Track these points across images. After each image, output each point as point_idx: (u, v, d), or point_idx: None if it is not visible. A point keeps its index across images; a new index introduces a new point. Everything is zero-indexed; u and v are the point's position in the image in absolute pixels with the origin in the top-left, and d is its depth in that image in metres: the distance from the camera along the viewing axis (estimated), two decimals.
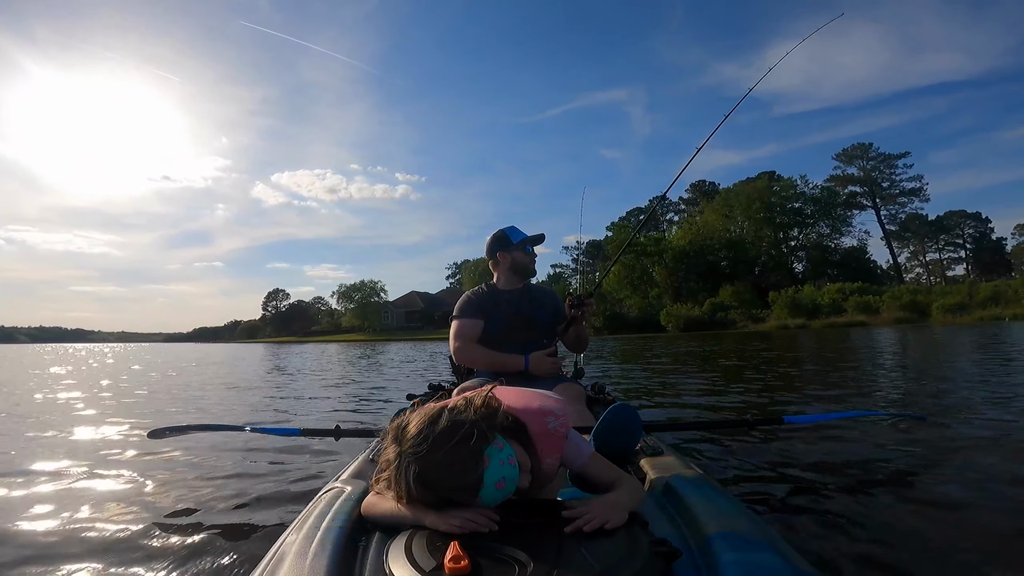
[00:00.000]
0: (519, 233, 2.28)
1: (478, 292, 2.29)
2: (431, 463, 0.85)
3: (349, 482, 1.15)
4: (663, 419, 3.58)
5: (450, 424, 0.87)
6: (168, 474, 2.43)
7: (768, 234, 48.04)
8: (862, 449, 2.52)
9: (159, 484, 2.27)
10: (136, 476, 2.41)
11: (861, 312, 33.48)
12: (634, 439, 1.39)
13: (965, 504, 1.76)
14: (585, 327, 2.23)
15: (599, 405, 2.15)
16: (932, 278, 53.85)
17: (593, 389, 2.48)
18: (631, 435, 1.37)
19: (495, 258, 2.30)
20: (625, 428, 1.36)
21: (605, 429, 1.35)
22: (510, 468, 0.88)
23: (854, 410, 3.34)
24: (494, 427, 0.89)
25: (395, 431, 0.92)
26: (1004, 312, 29.11)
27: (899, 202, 52.49)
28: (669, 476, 1.16)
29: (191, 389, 6.77)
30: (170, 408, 4.91)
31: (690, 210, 57.97)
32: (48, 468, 2.61)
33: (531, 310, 2.20)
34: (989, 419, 3.12)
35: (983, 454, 2.37)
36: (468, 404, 0.91)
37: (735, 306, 39.40)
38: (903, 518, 1.66)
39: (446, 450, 0.84)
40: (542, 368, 2.05)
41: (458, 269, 67.93)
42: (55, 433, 3.59)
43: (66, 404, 5.29)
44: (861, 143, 52.59)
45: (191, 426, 2.24)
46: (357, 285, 64.36)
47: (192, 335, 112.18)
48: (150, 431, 2.13)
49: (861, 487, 1.98)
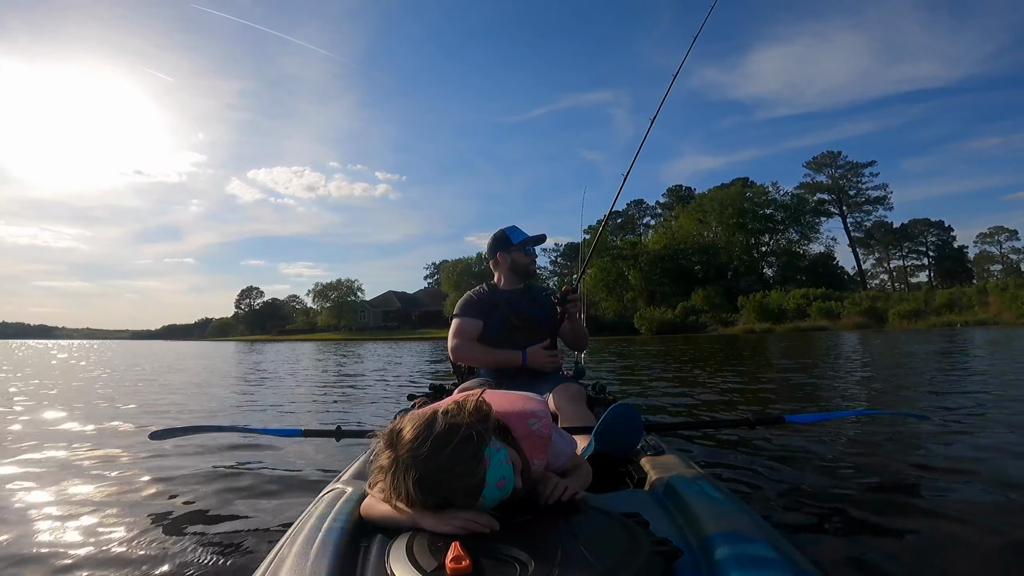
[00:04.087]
0: (520, 233, 2.30)
1: (479, 292, 2.30)
2: (431, 466, 0.85)
3: (350, 483, 1.15)
4: (664, 419, 3.57)
5: (447, 427, 0.87)
6: (169, 475, 2.40)
7: (740, 239, 49.00)
8: (864, 448, 2.52)
9: (160, 485, 2.24)
10: (137, 477, 2.38)
11: (824, 317, 34.47)
12: (635, 439, 1.40)
13: (968, 503, 1.75)
14: (582, 323, 2.24)
15: (600, 405, 2.15)
16: (896, 284, 55.74)
17: (594, 389, 2.49)
18: (632, 435, 1.39)
19: (495, 258, 2.32)
20: (626, 428, 1.37)
21: (606, 429, 1.37)
22: (508, 467, 0.89)
23: (855, 409, 3.32)
24: (489, 429, 0.90)
25: (388, 436, 0.92)
26: (958, 319, 30.42)
27: (865, 210, 54.12)
28: (670, 475, 1.16)
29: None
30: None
31: (666, 214, 58.86)
32: (47, 468, 2.55)
33: (531, 310, 2.21)
34: (988, 420, 3.14)
35: (985, 454, 2.37)
36: (460, 408, 0.92)
37: (706, 310, 40.12)
38: (905, 517, 1.65)
39: (447, 452, 0.85)
40: (539, 362, 2.05)
41: (436, 270, 67.38)
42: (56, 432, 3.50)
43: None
44: (830, 151, 54.13)
45: (193, 427, 2.21)
46: (333, 284, 63.42)
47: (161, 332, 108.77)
48: (152, 432, 2.09)
49: (863, 486, 1.97)
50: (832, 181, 53.68)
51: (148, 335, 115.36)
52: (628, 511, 0.91)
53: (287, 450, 2.79)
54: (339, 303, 62.29)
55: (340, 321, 61.25)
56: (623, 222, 59.30)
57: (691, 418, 3.64)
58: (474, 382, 2.05)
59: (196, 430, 2.23)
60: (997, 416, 3.31)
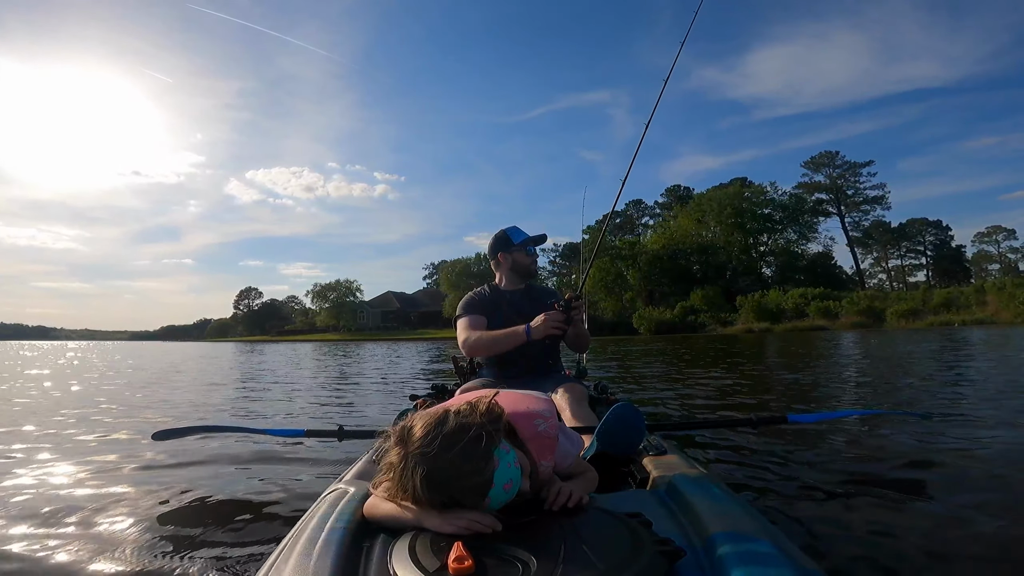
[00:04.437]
0: (521, 233, 2.30)
1: (480, 292, 2.31)
2: (440, 464, 0.85)
3: (352, 483, 1.14)
4: (666, 418, 3.55)
5: (458, 426, 0.88)
6: (171, 475, 2.41)
7: (738, 239, 49.05)
8: (866, 448, 2.51)
9: (162, 485, 2.25)
10: (140, 477, 2.39)
11: (822, 317, 34.57)
12: (637, 439, 1.40)
13: (971, 504, 1.74)
14: (584, 326, 2.24)
15: (602, 405, 2.15)
16: (894, 284, 55.84)
17: (596, 388, 2.49)
18: (634, 435, 1.39)
19: (496, 258, 2.32)
20: (628, 428, 1.37)
21: (608, 429, 1.36)
22: (516, 470, 0.89)
23: (858, 409, 3.31)
24: (500, 431, 0.90)
25: (399, 433, 0.92)
26: (955, 318, 30.51)
27: (862, 209, 54.30)
28: (672, 475, 1.16)
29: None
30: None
31: (665, 214, 58.92)
32: (47, 468, 2.56)
33: (533, 310, 2.21)
34: (987, 420, 3.13)
35: (987, 453, 2.36)
36: (473, 408, 0.92)
37: (705, 310, 40.19)
38: (908, 517, 1.65)
39: (456, 451, 0.85)
40: (543, 329, 1.98)
41: (435, 270, 67.37)
42: (56, 432, 3.50)
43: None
44: (828, 151, 54.26)
45: (195, 427, 2.21)
46: (332, 284, 63.29)
47: (160, 333, 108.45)
48: (154, 433, 2.10)
49: (866, 486, 1.96)
50: (830, 181, 53.80)
51: (147, 336, 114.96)
52: (631, 511, 0.91)
53: (290, 450, 2.80)
54: (338, 304, 62.24)
55: (339, 321, 61.22)
56: (622, 222, 59.33)
57: (693, 418, 3.63)
58: (476, 382, 2.06)
59: (198, 430, 2.24)
60: (998, 416, 3.31)
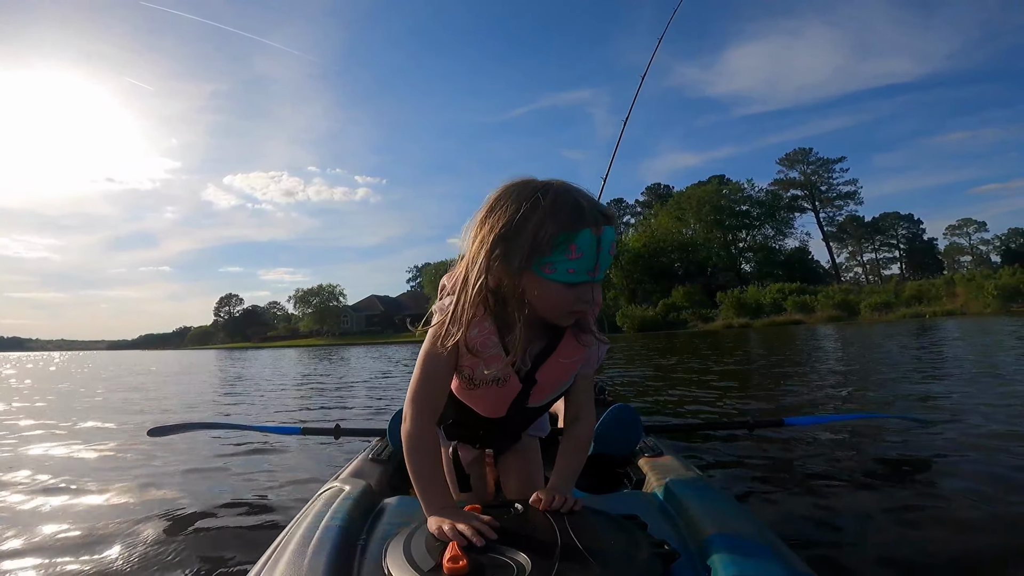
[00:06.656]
0: None
1: None
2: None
3: (348, 481, 1.13)
4: (663, 420, 3.51)
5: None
6: (166, 472, 2.39)
7: (718, 236, 49.83)
8: (863, 451, 2.49)
9: (157, 482, 2.22)
10: (134, 474, 2.36)
11: (799, 311, 35.21)
12: (634, 440, 1.41)
13: (968, 507, 1.73)
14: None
15: (599, 406, 2.11)
16: (870, 277, 57.18)
17: (593, 389, 2.50)
18: (631, 436, 1.40)
19: None
20: (625, 429, 1.39)
21: (605, 430, 1.39)
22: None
23: (855, 412, 3.27)
24: None
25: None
26: (926, 310, 31.35)
27: (836, 205, 55.47)
28: (668, 477, 1.17)
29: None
30: None
31: (645, 213, 59.56)
32: (37, 464, 2.54)
33: None
34: (987, 420, 3.06)
35: (986, 455, 2.33)
36: None
37: (687, 307, 40.72)
38: (905, 522, 1.63)
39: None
40: None
41: (419, 272, 66.91)
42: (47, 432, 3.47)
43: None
44: (802, 148, 55.35)
45: (191, 424, 2.19)
46: (315, 289, 62.54)
47: (138, 342, 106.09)
48: (150, 429, 2.07)
49: (862, 490, 1.95)
50: (804, 177, 54.84)
51: (125, 345, 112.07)
52: (626, 512, 0.91)
53: (286, 448, 2.79)
54: (321, 308, 61.53)
55: (323, 326, 60.53)
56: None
57: (690, 420, 3.60)
58: None
59: (194, 427, 2.21)
60: (998, 416, 3.20)
